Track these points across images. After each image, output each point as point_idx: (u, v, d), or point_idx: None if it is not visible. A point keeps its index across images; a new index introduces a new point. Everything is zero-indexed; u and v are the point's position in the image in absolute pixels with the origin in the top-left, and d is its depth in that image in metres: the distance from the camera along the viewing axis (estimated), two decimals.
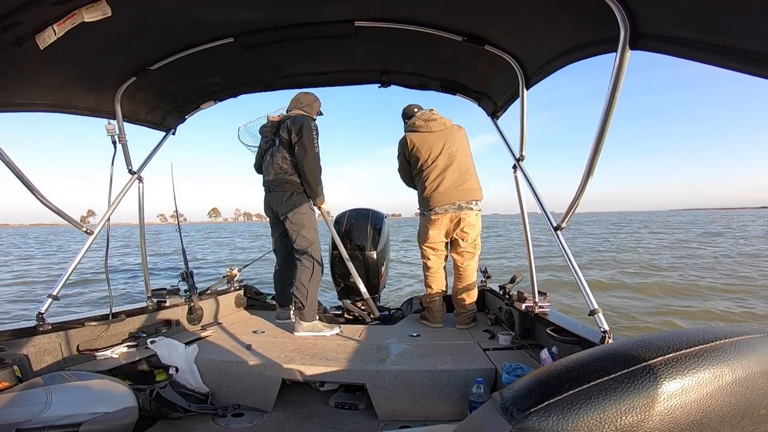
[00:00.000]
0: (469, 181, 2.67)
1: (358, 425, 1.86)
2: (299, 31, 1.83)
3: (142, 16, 1.58)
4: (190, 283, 2.67)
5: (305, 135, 2.49)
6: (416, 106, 2.90)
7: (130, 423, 1.39)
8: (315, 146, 2.51)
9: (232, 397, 2.02)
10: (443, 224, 2.67)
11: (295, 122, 2.53)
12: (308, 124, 2.51)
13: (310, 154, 2.50)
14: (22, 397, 1.29)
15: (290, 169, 2.57)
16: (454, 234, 2.68)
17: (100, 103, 2.11)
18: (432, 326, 2.75)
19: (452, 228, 2.67)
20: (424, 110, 2.83)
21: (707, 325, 1.75)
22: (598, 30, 1.34)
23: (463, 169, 2.66)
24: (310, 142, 2.49)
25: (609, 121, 1.30)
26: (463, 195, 2.63)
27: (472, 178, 2.68)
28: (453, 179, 2.63)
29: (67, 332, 1.90)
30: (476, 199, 2.66)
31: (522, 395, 0.37)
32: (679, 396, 0.36)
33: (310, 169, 2.52)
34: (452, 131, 2.73)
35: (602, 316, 1.57)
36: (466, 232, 2.65)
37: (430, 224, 2.69)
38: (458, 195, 2.63)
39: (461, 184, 2.64)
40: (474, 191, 2.66)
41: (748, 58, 0.89)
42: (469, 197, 2.64)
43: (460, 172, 2.65)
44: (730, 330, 0.41)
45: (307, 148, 2.49)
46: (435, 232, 2.70)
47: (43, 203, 1.90)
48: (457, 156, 2.67)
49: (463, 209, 2.63)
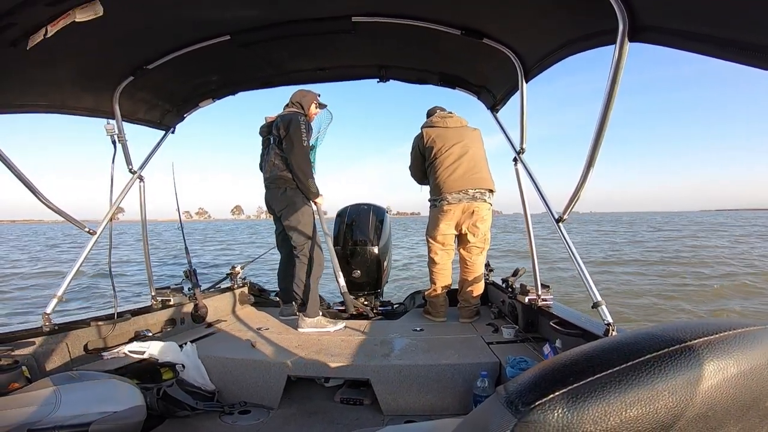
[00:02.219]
0: (482, 171, 2.69)
1: (363, 420, 1.87)
2: (296, 28, 1.82)
3: (138, 15, 1.58)
4: (194, 281, 2.68)
5: (292, 130, 2.51)
6: (439, 107, 2.98)
7: (138, 422, 1.41)
8: (302, 141, 2.52)
9: (238, 394, 2.03)
10: (455, 215, 2.65)
11: (284, 119, 2.56)
12: (296, 119, 2.53)
13: (297, 148, 2.51)
14: (32, 397, 1.31)
15: (282, 165, 2.60)
16: (465, 227, 2.66)
17: (98, 104, 2.11)
18: (435, 320, 2.77)
19: (464, 220, 2.65)
20: (444, 111, 2.91)
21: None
22: (597, 22, 1.33)
23: (477, 161, 2.69)
24: (297, 137, 2.51)
25: (609, 114, 1.30)
26: (476, 183, 2.63)
27: (484, 170, 2.71)
28: (467, 167, 2.65)
29: (73, 332, 1.92)
30: (489, 188, 2.67)
31: (526, 388, 0.37)
32: (684, 388, 0.36)
33: (298, 163, 2.53)
34: (468, 130, 2.79)
35: (606, 309, 1.57)
36: (478, 226, 2.64)
37: (442, 215, 2.68)
38: (471, 182, 2.63)
39: (475, 173, 2.66)
40: (486, 181, 2.68)
41: (747, 49, 0.88)
42: (482, 185, 2.65)
43: (474, 162, 2.68)
44: (735, 322, 0.41)
45: (294, 143, 2.51)
46: (446, 225, 2.69)
47: (46, 204, 1.91)
48: (471, 149, 2.70)
49: (477, 200, 2.62)
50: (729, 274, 8.85)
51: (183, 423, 1.81)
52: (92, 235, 2.07)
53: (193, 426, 1.80)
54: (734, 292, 7.13)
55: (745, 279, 8.07)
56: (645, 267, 10.28)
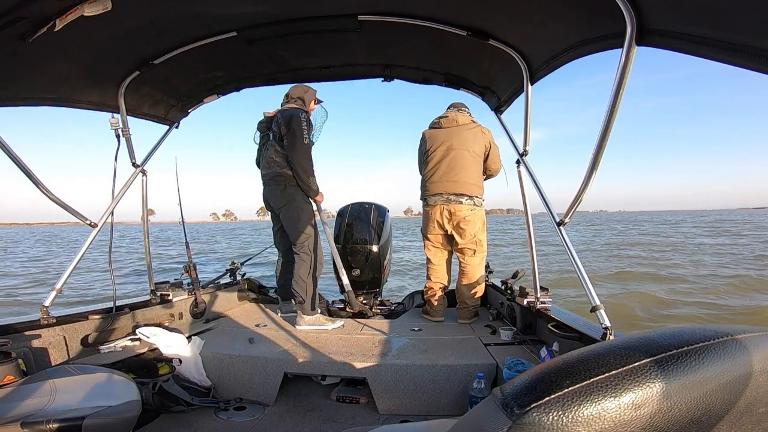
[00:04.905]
0: (461, 174, 2.67)
1: (359, 419, 1.87)
2: (302, 25, 1.82)
3: (145, 10, 1.58)
4: (194, 276, 2.68)
5: (294, 127, 2.48)
6: (453, 104, 2.92)
7: (133, 416, 1.40)
8: (304, 138, 2.49)
9: (234, 390, 2.03)
10: (435, 217, 2.73)
11: (284, 115, 2.53)
12: (298, 116, 2.50)
13: (299, 145, 2.49)
14: (26, 390, 1.31)
15: (282, 162, 2.58)
16: (450, 229, 2.70)
17: (104, 98, 2.11)
18: (432, 320, 2.78)
19: (445, 222, 2.69)
20: (452, 109, 2.88)
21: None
22: (604, 25, 1.32)
23: (456, 163, 2.68)
24: (299, 133, 2.48)
25: (614, 117, 1.29)
26: (451, 186, 2.67)
27: (464, 173, 2.68)
28: (445, 170, 2.69)
29: (71, 325, 1.92)
30: (464, 192, 2.66)
31: (522, 391, 0.37)
32: (679, 393, 0.36)
33: (299, 160, 2.51)
34: (460, 129, 2.75)
35: (604, 313, 1.57)
36: (462, 227, 2.67)
37: (426, 215, 2.78)
38: (446, 186, 2.68)
39: (452, 177, 2.67)
40: (462, 185, 2.67)
41: (756, 55, 0.87)
42: (457, 189, 2.66)
43: (452, 165, 2.69)
44: (731, 328, 0.41)
45: (296, 140, 2.48)
46: (431, 225, 2.76)
47: (49, 197, 1.91)
48: (455, 150, 2.69)
49: (452, 202, 2.66)
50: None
51: (178, 418, 1.81)
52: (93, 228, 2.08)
53: (187, 421, 1.80)
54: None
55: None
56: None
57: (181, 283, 2.65)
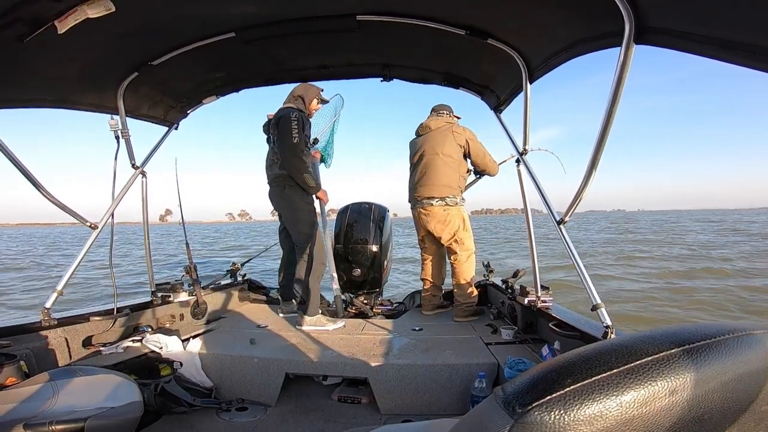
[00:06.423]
0: (431, 177, 2.77)
1: (360, 419, 1.87)
2: (301, 26, 1.82)
3: (144, 12, 1.58)
4: (194, 277, 2.68)
5: (282, 126, 2.47)
6: (435, 108, 2.96)
7: (135, 418, 1.40)
8: (293, 137, 2.45)
9: (236, 391, 2.03)
10: (417, 219, 2.90)
11: (276, 116, 2.54)
12: (287, 116, 2.48)
13: (287, 144, 2.47)
14: (29, 392, 1.31)
15: (280, 163, 2.58)
16: (432, 230, 2.80)
17: (103, 99, 2.12)
18: (424, 313, 2.93)
19: (425, 223, 2.82)
20: (432, 113, 2.95)
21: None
22: (603, 24, 1.32)
23: (427, 168, 2.80)
24: (286, 133, 2.46)
25: (613, 116, 1.29)
26: (423, 191, 2.81)
27: (435, 175, 2.76)
28: (418, 177, 2.85)
29: (72, 327, 1.92)
30: (433, 195, 2.76)
31: (524, 390, 0.37)
32: (681, 391, 0.36)
33: (288, 159, 2.49)
34: (434, 133, 2.83)
35: (605, 311, 1.57)
36: (439, 227, 2.77)
37: (413, 219, 2.97)
38: (420, 191, 2.82)
39: (424, 183, 2.80)
40: (431, 187, 2.77)
41: (755, 53, 0.87)
42: (426, 193, 2.79)
43: (423, 171, 2.82)
44: (733, 326, 0.40)
45: (284, 139, 2.47)
46: (417, 227, 2.96)
47: (49, 199, 1.91)
48: (427, 156, 2.80)
49: (425, 205, 2.79)
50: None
51: (180, 419, 1.81)
52: (94, 229, 2.08)
53: (189, 423, 1.80)
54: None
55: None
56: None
57: (181, 284, 2.65)
